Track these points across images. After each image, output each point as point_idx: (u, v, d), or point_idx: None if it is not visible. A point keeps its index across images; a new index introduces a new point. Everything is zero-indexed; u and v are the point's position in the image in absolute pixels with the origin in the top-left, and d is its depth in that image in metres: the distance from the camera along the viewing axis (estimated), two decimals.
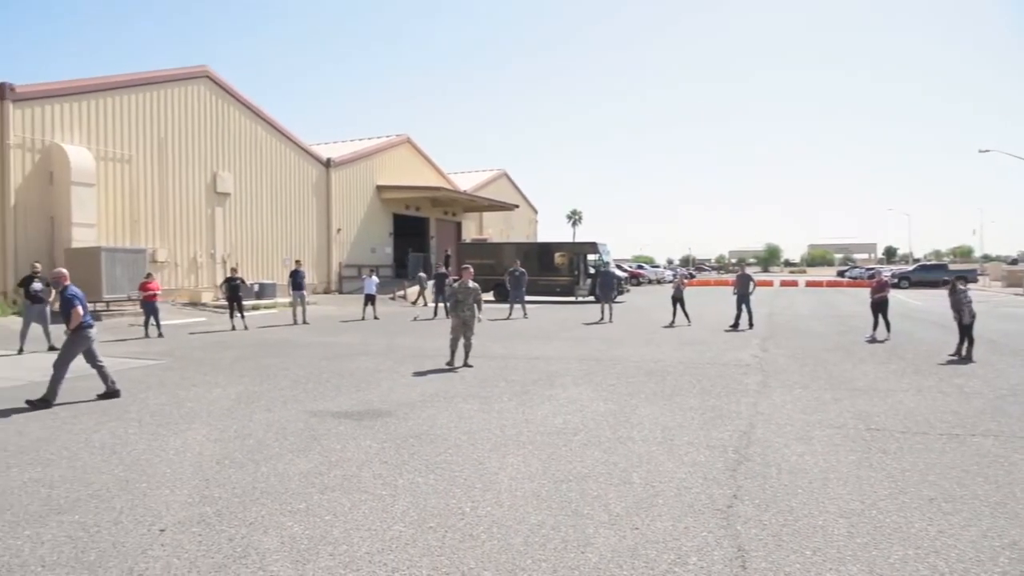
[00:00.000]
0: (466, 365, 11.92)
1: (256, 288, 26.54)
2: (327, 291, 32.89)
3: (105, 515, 5.00)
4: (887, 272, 39.79)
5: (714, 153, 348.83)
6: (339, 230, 34.25)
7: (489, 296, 30.03)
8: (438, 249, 41.59)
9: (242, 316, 19.61)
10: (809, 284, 56.93)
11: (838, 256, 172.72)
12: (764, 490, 5.46)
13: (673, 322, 19.80)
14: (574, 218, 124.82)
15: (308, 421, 7.94)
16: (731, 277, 45.42)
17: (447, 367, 11.80)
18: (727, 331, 18.03)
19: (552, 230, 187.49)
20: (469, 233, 46.95)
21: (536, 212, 60.66)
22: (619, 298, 29.30)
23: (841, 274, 78.16)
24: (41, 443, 7.10)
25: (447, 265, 31.52)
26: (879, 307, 16.47)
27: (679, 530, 4.65)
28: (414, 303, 29.58)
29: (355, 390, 9.92)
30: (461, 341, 12.07)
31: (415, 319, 22.87)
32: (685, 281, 22.63)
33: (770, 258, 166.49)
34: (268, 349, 14.99)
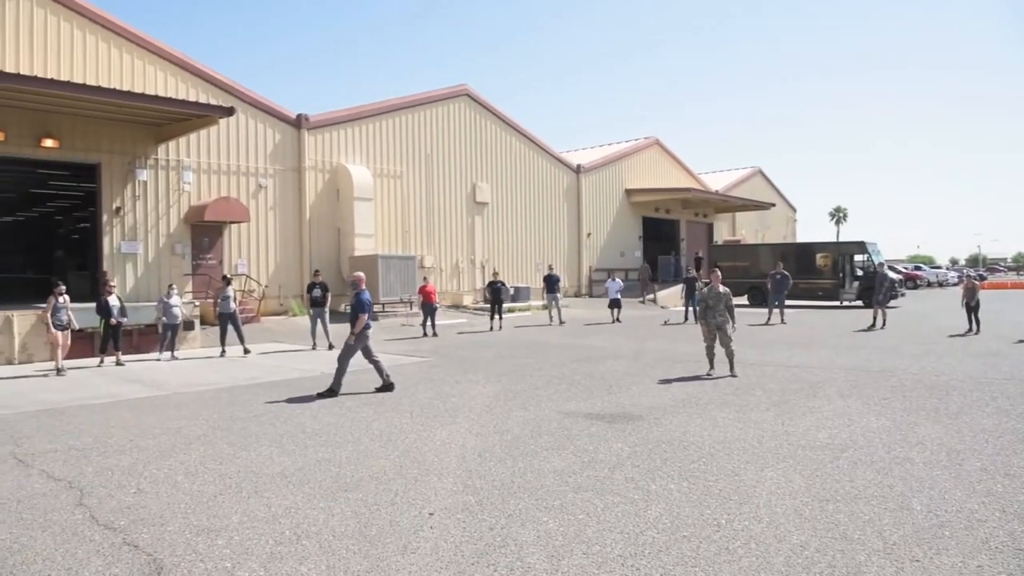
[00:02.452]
0: (731, 375, 11.23)
1: (512, 291, 27.91)
2: (577, 294, 33.64)
3: (383, 496, 5.53)
4: None
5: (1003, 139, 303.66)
6: (589, 234, 34.89)
7: (743, 300, 28.80)
8: (688, 252, 40.74)
9: (500, 317, 20.72)
10: None
11: None
12: None
13: (970, 330, 17.46)
14: (837, 216, 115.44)
15: (562, 421, 8.16)
16: None
17: (706, 376, 11.34)
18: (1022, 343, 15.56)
19: (813, 230, 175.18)
20: (721, 235, 45.42)
21: (794, 210, 57.07)
22: (892, 303, 26.58)
23: None
24: (331, 428, 8.05)
25: (698, 268, 30.76)
26: None
27: (970, 569, 4.08)
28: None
29: (606, 393, 10.02)
30: (720, 349, 11.48)
31: (665, 323, 22.59)
32: (978, 284, 19.88)
33: None
34: (523, 350, 15.67)
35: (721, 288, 11.54)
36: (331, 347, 15.76)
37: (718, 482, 5.73)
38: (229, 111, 18.67)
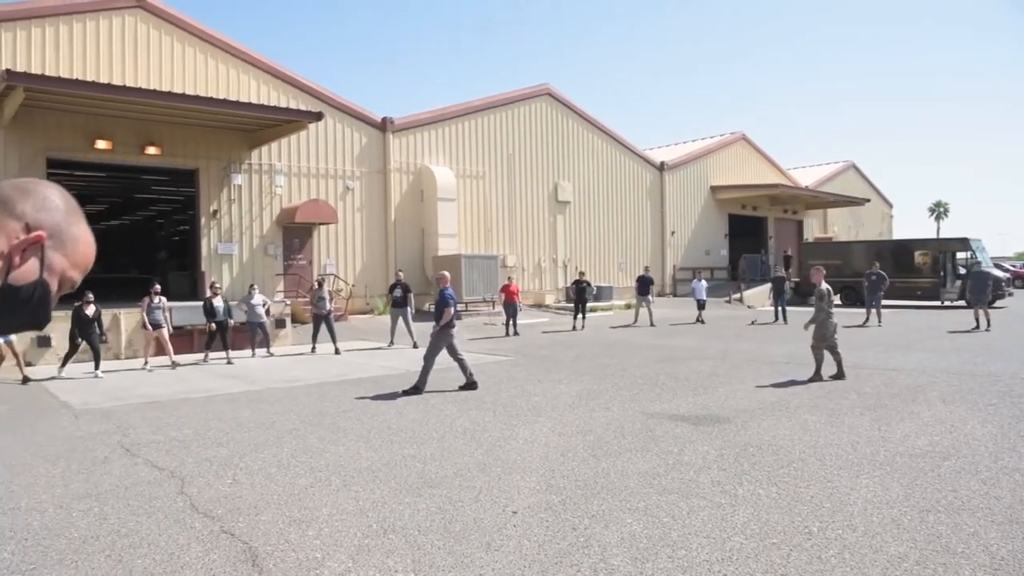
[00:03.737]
0: (837, 376, 10.65)
1: (595, 291, 27.75)
2: (660, 294, 33.16)
3: (467, 492, 5.58)
4: None
5: None
6: (673, 233, 34.33)
7: (835, 300, 27.74)
8: (776, 249, 39.54)
9: (583, 317, 20.65)
10: None
11: None
12: None
13: None
14: (938, 211, 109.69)
15: (645, 422, 8.05)
16: None
17: (807, 380, 10.78)
18: None
19: (911, 226, 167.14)
20: (812, 232, 43.88)
21: (891, 206, 54.59)
22: (998, 303, 25.10)
23: None
24: (416, 424, 8.19)
25: (787, 267, 29.82)
26: None
27: None
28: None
29: (691, 394, 9.84)
30: (827, 355, 10.85)
31: (752, 323, 22.01)
32: None
33: None
34: (606, 349, 15.55)
35: (824, 286, 11.11)
36: (415, 346, 16.04)
37: (809, 488, 5.54)
38: (318, 116, 19.26)
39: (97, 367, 12.96)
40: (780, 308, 22.58)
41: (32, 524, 5.09)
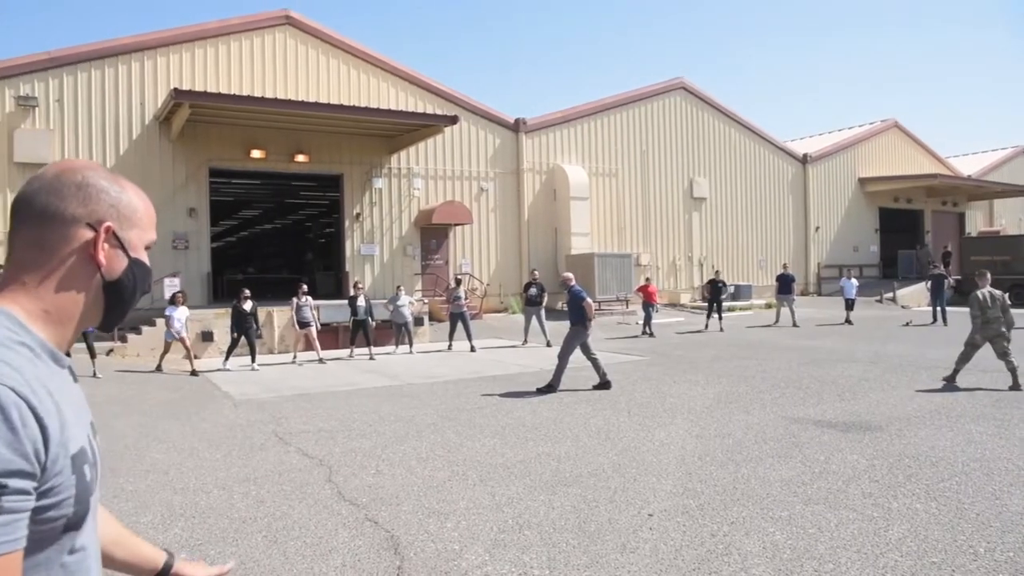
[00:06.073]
0: (1013, 387, 9.60)
1: (732, 290, 26.84)
2: (804, 293, 31.61)
3: (602, 493, 5.55)
4: None
5: None
6: (817, 228, 32.63)
7: None
8: (934, 245, 36.69)
9: (720, 317, 20.04)
10: None
11: None
12: None
13: None
14: None
15: (788, 427, 7.70)
16: None
17: (959, 386, 10.10)
18: None
19: None
20: (975, 225, 40.42)
21: None
22: None
23: None
24: (550, 423, 8.23)
25: (946, 264, 27.62)
26: None
27: None
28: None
29: (838, 399, 9.31)
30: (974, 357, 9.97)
31: (907, 324, 20.55)
32: None
33: None
34: (745, 350, 15.01)
35: (988, 289, 10.04)
36: (548, 345, 16.13)
37: (974, 505, 5.10)
38: (453, 120, 19.78)
39: (253, 360, 13.91)
40: (939, 308, 20.92)
41: (199, 503, 5.53)
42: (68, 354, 1.18)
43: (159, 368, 13.57)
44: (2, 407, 0.92)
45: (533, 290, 17.31)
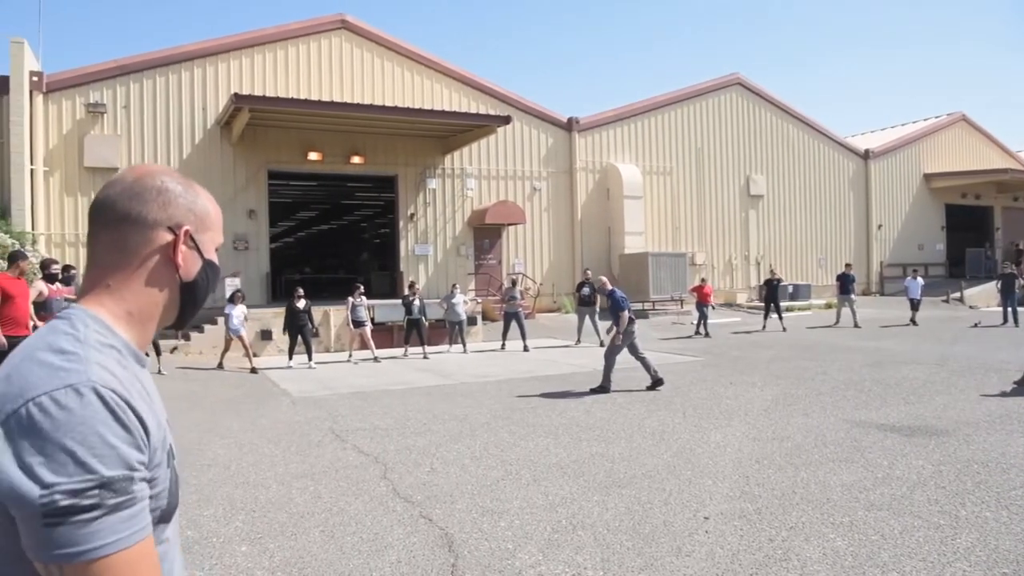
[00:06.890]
0: None
1: (790, 289, 26.26)
2: (866, 292, 30.74)
3: (656, 495, 5.48)
4: None
5: None
6: (879, 226, 31.67)
7: None
8: (1004, 242, 35.27)
9: (780, 317, 19.64)
10: None
11: None
12: None
13: None
14: None
15: (849, 431, 7.49)
16: None
17: None
18: None
19: None
20: None
21: None
22: None
23: None
24: (603, 423, 8.18)
25: (1017, 262, 26.52)
26: None
27: None
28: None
29: (903, 402, 9.02)
30: None
31: (976, 325, 19.80)
32: None
33: None
34: (804, 351, 14.67)
35: None
36: (601, 344, 16.03)
37: None
38: (506, 120, 19.83)
39: (310, 359, 14.18)
40: (1010, 309, 20.09)
41: (259, 498, 5.67)
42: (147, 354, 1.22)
43: (220, 366, 13.96)
44: (111, 409, 0.97)
45: (586, 290, 17.24)
